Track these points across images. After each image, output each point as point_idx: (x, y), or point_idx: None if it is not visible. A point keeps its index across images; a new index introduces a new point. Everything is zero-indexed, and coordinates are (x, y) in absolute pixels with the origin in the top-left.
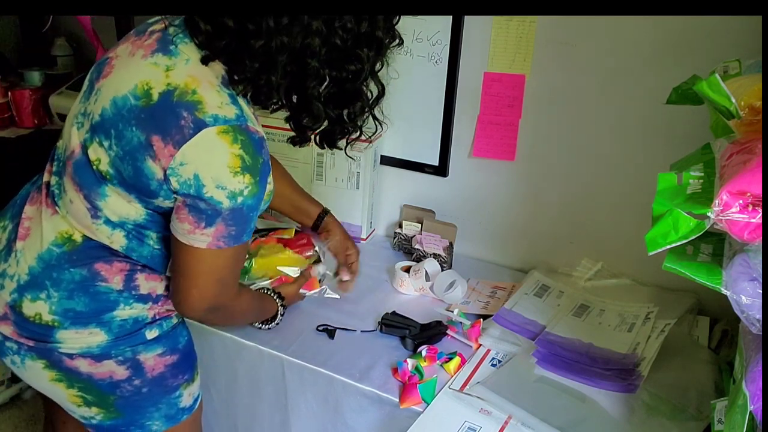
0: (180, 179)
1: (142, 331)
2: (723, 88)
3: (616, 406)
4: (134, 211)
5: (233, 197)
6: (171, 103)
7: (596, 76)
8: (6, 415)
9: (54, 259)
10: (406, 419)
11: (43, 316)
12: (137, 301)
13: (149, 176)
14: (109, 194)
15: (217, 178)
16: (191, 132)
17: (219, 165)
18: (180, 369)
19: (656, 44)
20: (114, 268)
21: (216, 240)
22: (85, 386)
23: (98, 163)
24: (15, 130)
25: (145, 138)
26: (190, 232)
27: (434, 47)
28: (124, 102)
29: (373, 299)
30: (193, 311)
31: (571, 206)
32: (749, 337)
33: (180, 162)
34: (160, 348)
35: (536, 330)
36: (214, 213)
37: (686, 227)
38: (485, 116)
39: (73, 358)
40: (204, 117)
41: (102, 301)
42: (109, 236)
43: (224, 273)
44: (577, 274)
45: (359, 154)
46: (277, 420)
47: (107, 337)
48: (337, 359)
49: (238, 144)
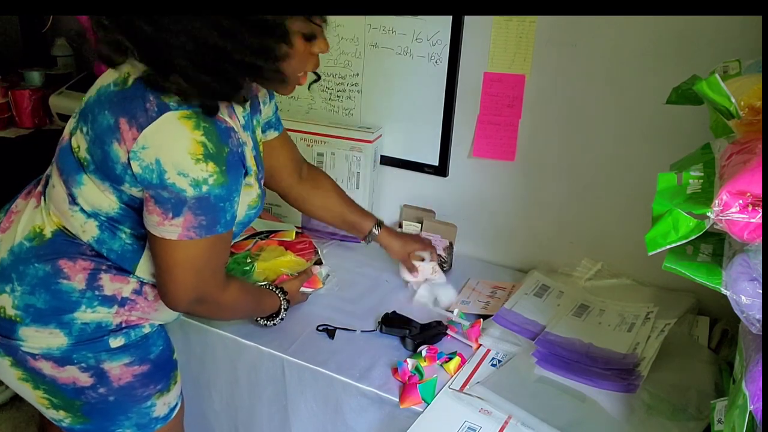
0: (142, 163)
1: (105, 338)
2: (723, 88)
3: (616, 406)
4: (107, 203)
5: (197, 185)
6: (142, 89)
7: (596, 76)
8: (6, 415)
9: (23, 252)
10: (406, 419)
11: (6, 310)
12: (101, 303)
13: (114, 160)
14: (84, 182)
15: (178, 165)
16: (154, 115)
17: (180, 150)
18: (151, 379)
19: (656, 44)
20: (77, 266)
21: (186, 231)
22: (49, 389)
23: (78, 150)
24: (15, 130)
25: (113, 120)
26: (159, 224)
27: (434, 47)
28: (105, 90)
29: (373, 299)
30: (176, 303)
31: (571, 206)
32: (749, 337)
33: (142, 145)
34: (126, 357)
35: (536, 330)
36: (179, 202)
37: (686, 227)
38: (485, 116)
39: (36, 359)
40: (169, 101)
41: (62, 300)
42: (83, 225)
43: (201, 264)
44: (577, 274)
45: (359, 154)
46: (277, 420)
47: (67, 339)
48: (337, 359)
49: (200, 130)
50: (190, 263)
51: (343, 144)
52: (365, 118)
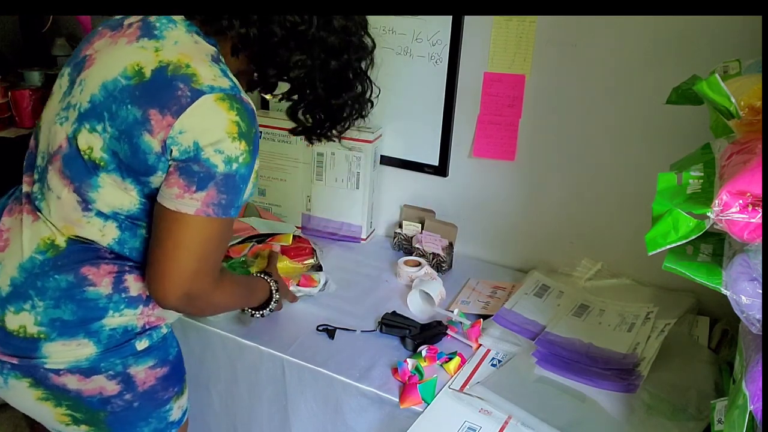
0: (180, 147)
1: (131, 342)
2: (723, 88)
3: (616, 406)
4: (128, 200)
5: (229, 162)
6: (166, 77)
7: (596, 76)
8: (6, 415)
9: (37, 267)
10: (406, 419)
11: (27, 329)
12: (128, 305)
13: (146, 151)
14: (102, 184)
15: (215, 143)
16: (189, 101)
17: (218, 130)
18: (170, 381)
19: (656, 44)
20: (102, 271)
21: (205, 206)
22: (73, 404)
23: (90, 152)
24: (15, 130)
25: (141, 113)
26: (179, 196)
27: (434, 47)
28: (115, 84)
29: (373, 299)
30: (166, 293)
31: (571, 206)
32: (749, 337)
33: (179, 131)
34: (150, 360)
35: (536, 330)
36: (207, 176)
37: (686, 227)
38: (485, 116)
39: (60, 374)
40: (201, 87)
41: (90, 308)
42: (101, 229)
43: (207, 249)
44: (577, 274)
45: (359, 154)
46: (277, 420)
47: (96, 348)
48: (337, 359)
49: (234, 111)
50: (196, 245)
51: (343, 144)
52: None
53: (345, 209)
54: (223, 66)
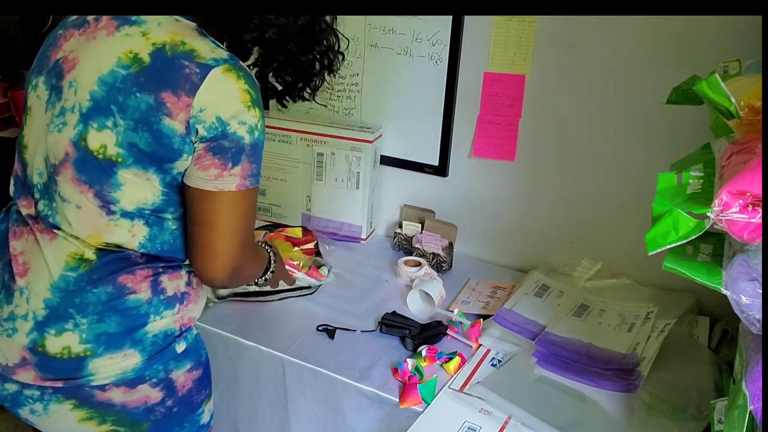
0: (205, 125)
1: (172, 345)
2: (723, 88)
3: (616, 406)
4: (151, 192)
5: (252, 131)
6: (167, 58)
7: (596, 76)
8: (6, 415)
9: (72, 284)
10: (406, 419)
11: (72, 349)
12: (166, 307)
13: (170, 135)
14: (122, 182)
15: (236, 115)
16: (200, 77)
17: (234, 101)
18: (203, 383)
19: (656, 44)
20: (138, 276)
21: (243, 179)
22: (118, 419)
23: (104, 150)
24: (15, 130)
25: (153, 99)
26: (218, 176)
27: (434, 47)
28: (114, 76)
29: (373, 299)
30: (217, 272)
31: (571, 206)
32: (749, 337)
33: (200, 108)
34: (188, 362)
35: (536, 330)
36: (239, 150)
37: (686, 227)
38: (485, 116)
39: (105, 390)
40: (205, 61)
41: (133, 316)
42: (131, 229)
43: (249, 221)
44: (577, 274)
45: (359, 154)
46: (277, 420)
47: (141, 357)
48: (337, 359)
49: (242, 80)
50: (242, 218)
51: (343, 144)
52: (365, 118)
53: (345, 209)
54: (210, 38)
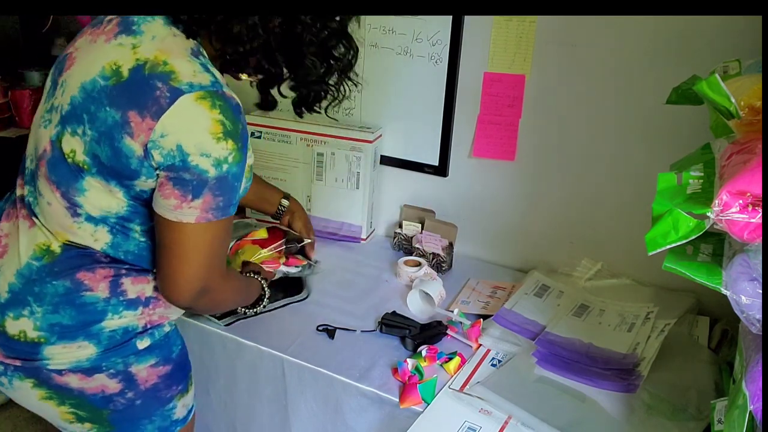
0: (163, 151)
1: (132, 341)
2: (723, 88)
3: (616, 406)
4: (116, 202)
5: (218, 165)
6: (143, 77)
7: (596, 76)
8: (6, 415)
9: (34, 273)
10: (406, 419)
11: (28, 334)
12: (126, 308)
13: (128, 155)
14: (87, 188)
15: (200, 146)
16: (168, 101)
17: (201, 132)
18: (174, 380)
19: (656, 44)
20: (97, 275)
21: (204, 212)
22: (77, 402)
23: (73, 155)
24: (15, 130)
25: (120, 115)
26: (177, 207)
27: (434, 47)
28: (93, 85)
29: (373, 299)
30: (181, 294)
31: (571, 206)
32: (749, 337)
33: (161, 134)
34: (152, 358)
35: (536, 330)
36: (200, 183)
37: (686, 227)
38: (485, 116)
39: (62, 374)
40: (179, 85)
41: (89, 312)
42: (93, 234)
43: (214, 249)
44: (577, 274)
45: (359, 154)
46: (276, 420)
47: (96, 349)
48: (337, 359)
49: (216, 109)
50: (203, 248)
51: (343, 144)
52: (365, 118)
53: (345, 209)
54: (203, 60)
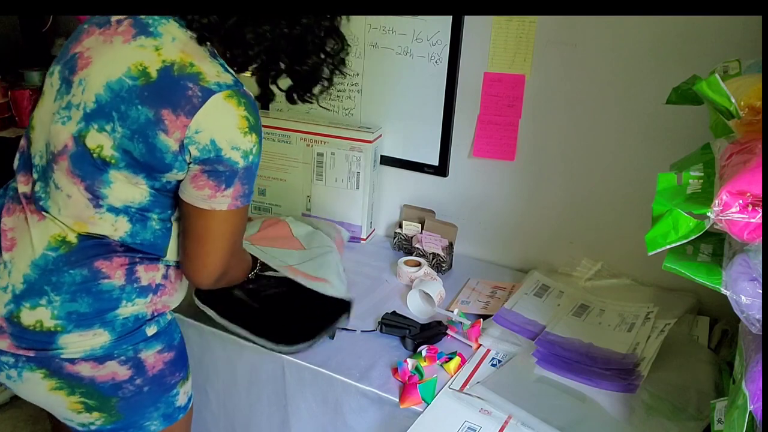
0: (198, 146)
1: (142, 328)
2: (723, 88)
3: (616, 406)
4: (139, 193)
5: (246, 156)
6: (173, 77)
7: (596, 76)
8: (6, 415)
9: (51, 263)
10: (406, 419)
11: (44, 323)
12: (139, 295)
13: (163, 150)
14: (113, 180)
15: (231, 140)
16: (201, 101)
17: (231, 127)
18: (176, 366)
19: (656, 44)
20: (114, 264)
21: (234, 200)
22: (86, 391)
23: (99, 150)
24: (15, 130)
25: (153, 114)
26: (211, 197)
27: (434, 47)
28: (121, 84)
29: (373, 299)
30: (206, 277)
31: (571, 206)
32: (749, 337)
33: (195, 130)
34: (158, 344)
35: (536, 330)
36: (232, 174)
37: (686, 227)
38: (485, 116)
39: (75, 363)
40: (209, 85)
41: (105, 300)
42: (113, 224)
43: (238, 233)
44: (577, 274)
45: (359, 154)
46: (276, 420)
47: (111, 336)
48: (337, 359)
49: (242, 106)
50: (231, 233)
51: (343, 144)
52: (365, 118)
53: (345, 209)
54: (221, 60)
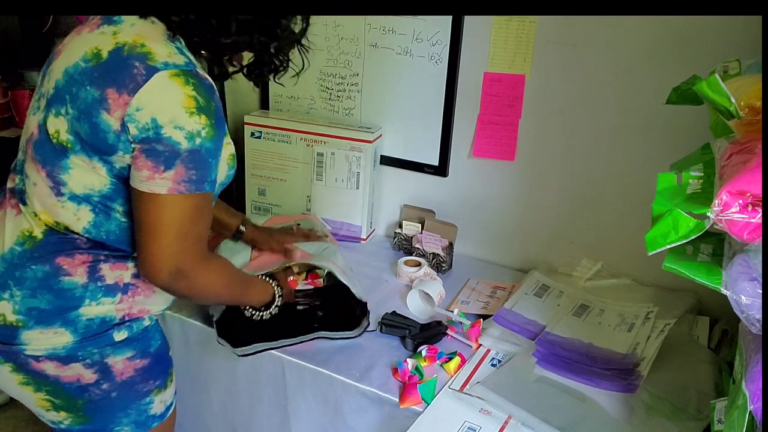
0: (138, 125)
1: (109, 332)
2: (723, 88)
3: (616, 406)
4: (99, 180)
5: (191, 138)
6: (122, 57)
7: (596, 76)
8: (6, 415)
9: (16, 257)
10: (406, 419)
11: (7, 317)
12: (105, 294)
13: (105, 129)
14: (71, 166)
15: (174, 119)
16: (144, 78)
17: (174, 105)
18: (151, 374)
19: (656, 44)
20: (76, 261)
21: (176, 184)
22: (52, 389)
23: (57, 135)
24: (15, 130)
25: (99, 93)
26: (150, 178)
27: (434, 47)
28: (75, 68)
29: (373, 299)
30: (156, 271)
31: (571, 206)
32: (749, 337)
33: (136, 108)
34: (129, 351)
35: (536, 330)
36: (173, 154)
37: (686, 227)
38: (485, 116)
39: (39, 361)
40: (155, 64)
41: (66, 297)
42: (76, 213)
43: (186, 226)
44: (577, 274)
45: (359, 154)
46: (276, 420)
47: (73, 337)
48: (337, 359)
49: (190, 86)
50: (175, 222)
51: (343, 144)
52: (365, 118)
53: (345, 209)
54: (179, 44)
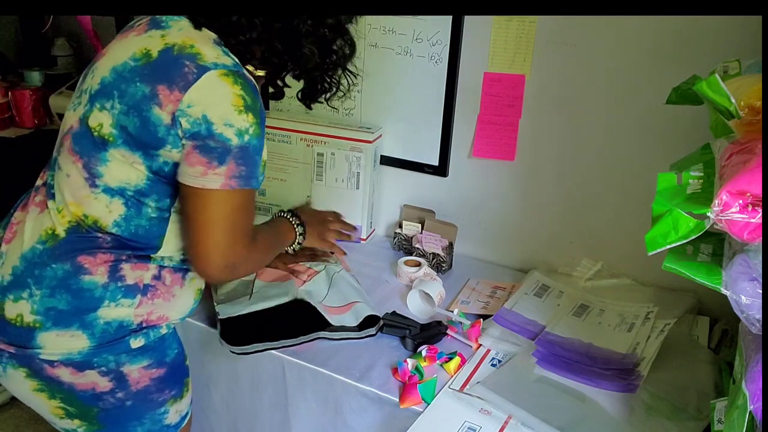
0: (190, 119)
1: (126, 338)
2: (723, 88)
3: (616, 406)
4: (135, 174)
5: (240, 134)
6: (172, 56)
7: (596, 76)
8: (6, 415)
9: (37, 256)
10: (406, 419)
11: (24, 317)
12: (125, 295)
13: (156, 123)
14: (110, 158)
15: (224, 116)
16: (195, 77)
17: (224, 103)
18: (167, 384)
19: (656, 44)
20: (98, 260)
21: (228, 179)
22: (66, 397)
23: (99, 128)
24: (15, 130)
25: (150, 89)
26: (203, 174)
27: (434, 47)
28: (124, 66)
29: (373, 299)
30: (209, 265)
31: (571, 206)
32: (749, 337)
33: (188, 104)
34: (145, 360)
35: (536, 330)
36: (224, 151)
37: (686, 227)
38: (485, 116)
39: (54, 366)
40: (205, 63)
41: (85, 298)
42: (108, 205)
43: (237, 219)
44: (577, 274)
45: (359, 154)
46: (277, 420)
47: (89, 342)
48: (337, 359)
49: (238, 85)
50: (227, 218)
51: (343, 144)
52: (365, 118)
53: (345, 209)
54: (225, 48)
